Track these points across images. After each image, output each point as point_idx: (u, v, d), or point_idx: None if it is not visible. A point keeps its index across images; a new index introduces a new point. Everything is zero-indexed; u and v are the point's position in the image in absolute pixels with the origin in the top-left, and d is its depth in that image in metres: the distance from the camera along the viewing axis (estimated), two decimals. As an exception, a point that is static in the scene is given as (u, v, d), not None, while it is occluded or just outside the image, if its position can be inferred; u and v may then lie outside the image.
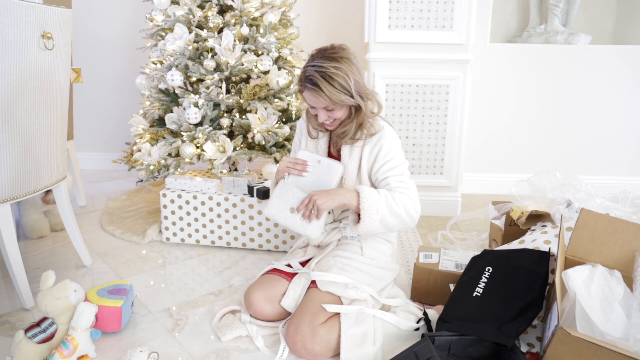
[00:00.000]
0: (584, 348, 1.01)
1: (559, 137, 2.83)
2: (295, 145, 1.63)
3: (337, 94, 1.31)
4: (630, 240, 1.28)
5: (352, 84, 1.32)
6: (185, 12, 2.13)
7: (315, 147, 1.53)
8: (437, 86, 2.30)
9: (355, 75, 1.34)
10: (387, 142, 1.41)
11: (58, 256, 1.92)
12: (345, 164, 1.44)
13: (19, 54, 1.36)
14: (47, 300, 1.27)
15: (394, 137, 1.45)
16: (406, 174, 1.43)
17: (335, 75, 1.29)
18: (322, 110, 1.38)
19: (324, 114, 1.38)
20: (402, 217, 1.35)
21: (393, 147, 1.42)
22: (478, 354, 1.24)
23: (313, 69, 1.32)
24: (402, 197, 1.36)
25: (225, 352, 1.33)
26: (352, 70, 1.33)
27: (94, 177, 3.09)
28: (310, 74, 1.31)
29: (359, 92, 1.36)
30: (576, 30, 2.88)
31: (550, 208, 1.59)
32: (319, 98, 1.33)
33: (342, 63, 1.32)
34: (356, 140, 1.43)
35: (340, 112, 1.38)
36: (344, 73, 1.31)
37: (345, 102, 1.33)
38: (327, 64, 1.31)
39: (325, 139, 1.52)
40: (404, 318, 1.38)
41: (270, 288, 1.43)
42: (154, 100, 2.23)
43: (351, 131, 1.41)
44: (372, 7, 2.23)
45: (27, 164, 1.47)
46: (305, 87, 1.34)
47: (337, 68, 1.30)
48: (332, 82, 1.30)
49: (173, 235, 2.04)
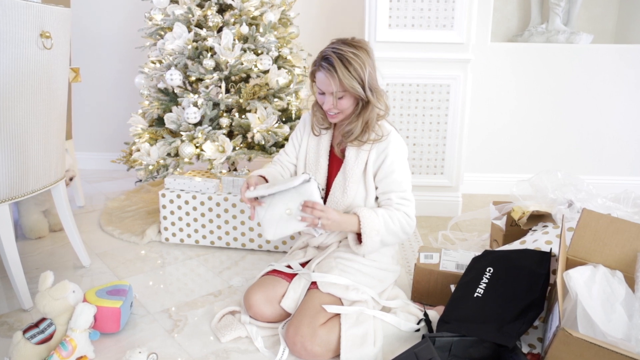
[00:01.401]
0: (585, 349, 1.01)
1: (560, 137, 2.83)
2: (293, 139, 1.59)
3: (350, 79, 1.30)
4: (632, 240, 1.28)
5: (367, 75, 1.33)
6: (185, 11, 2.13)
7: (317, 145, 1.51)
8: (437, 86, 2.29)
9: (370, 67, 1.35)
10: (393, 152, 1.40)
11: (57, 256, 1.92)
12: (350, 167, 1.43)
13: (17, 53, 1.36)
14: (45, 301, 1.27)
15: (401, 147, 1.43)
16: (409, 190, 1.43)
17: (352, 60, 1.30)
18: (329, 97, 1.36)
19: (331, 101, 1.36)
20: (398, 235, 1.40)
21: (399, 158, 1.41)
22: (479, 354, 1.24)
23: (331, 50, 1.32)
24: (399, 215, 1.38)
25: (224, 353, 1.32)
26: (369, 62, 1.34)
27: (92, 177, 3.09)
28: (328, 54, 1.32)
29: (371, 86, 1.36)
30: (577, 30, 2.87)
31: (551, 208, 1.58)
32: (330, 80, 1.32)
33: (360, 52, 1.33)
34: (363, 143, 1.41)
35: (347, 102, 1.36)
36: (361, 61, 1.31)
37: (356, 90, 1.32)
38: (346, 48, 1.31)
39: (328, 137, 1.51)
40: (404, 319, 1.38)
41: (270, 289, 1.43)
42: (153, 99, 2.23)
43: (357, 130, 1.39)
44: (372, 6, 2.22)
45: (25, 164, 1.47)
46: (320, 67, 1.34)
47: (355, 55, 1.31)
48: (348, 67, 1.30)
49: (172, 236, 2.04)
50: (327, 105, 1.37)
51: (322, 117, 1.47)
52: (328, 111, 1.40)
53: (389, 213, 1.38)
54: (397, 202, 1.40)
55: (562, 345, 1.04)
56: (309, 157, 1.53)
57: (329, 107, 1.38)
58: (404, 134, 2.36)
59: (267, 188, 1.34)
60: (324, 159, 1.49)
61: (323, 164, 1.49)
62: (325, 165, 1.49)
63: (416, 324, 1.38)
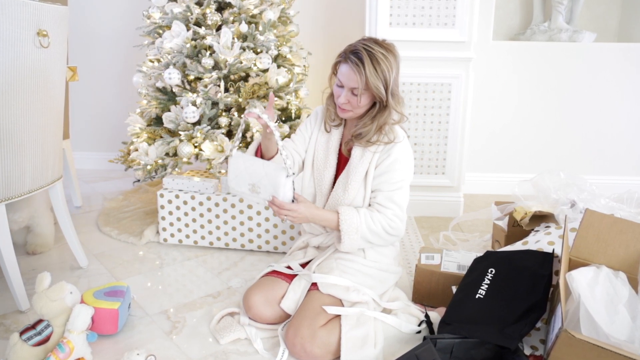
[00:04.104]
0: (588, 351, 1.01)
1: (562, 136, 2.82)
2: (302, 130, 1.55)
3: (375, 79, 1.30)
4: (636, 241, 1.28)
5: (392, 79, 1.33)
6: (183, 9, 2.13)
7: (327, 142, 1.50)
8: (439, 85, 2.28)
9: (396, 72, 1.35)
10: (396, 153, 1.39)
11: (54, 257, 1.91)
12: (354, 165, 1.42)
13: (14, 51, 1.36)
14: (42, 302, 1.27)
15: (407, 152, 1.42)
16: (400, 193, 1.40)
17: (381, 61, 1.30)
18: (347, 91, 1.35)
19: (347, 96, 1.35)
20: (382, 236, 1.39)
21: (400, 159, 1.39)
22: (481, 356, 1.24)
23: (362, 46, 1.31)
24: (380, 217, 1.38)
25: (223, 354, 1.32)
26: (395, 66, 1.34)
27: (90, 177, 3.09)
28: (359, 49, 1.31)
29: (393, 91, 1.35)
30: (580, 28, 2.87)
31: (554, 208, 1.58)
32: (356, 75, 1.31)
33: (390, 55, 1.33)
34: (371, 144, 1.40)
35: (364, 101, 1.35)
36: (389, 64, 1.32)
37: (379, 90, 1.32)
38: (377, 47, 1.31)
39: (338, 135, 1.49)
40: (405, 320, 1.37)
41: (270, 290, 1.42)
42: (151, 98, 2.22)
43: (370, 133, 1.38)
44: (373, 5, 2.22)
45: (21, 163, 1.47)
46: (347, 60, 1.32)
47: (385, 56, 1.31)
48: (376, 66, 1.30)
49: (170, 236, 2.03)
50: (342, 100, 1.36)
51: (334, 111, 1.46)
52: (341, 105, 1.37)
53: (371, 214, 1.37)
54: (378, 203, 1.39)
55: (564, 347, 1.03)
56: (317, 154, 1.51)
57: (343, 102, 1.36)
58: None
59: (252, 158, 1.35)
60: (332, 158, 1.48)
61: (332, 162, 1.48)
62: (334, 163, 1.48)
63: (417, 326, 1.37)
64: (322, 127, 1.51)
